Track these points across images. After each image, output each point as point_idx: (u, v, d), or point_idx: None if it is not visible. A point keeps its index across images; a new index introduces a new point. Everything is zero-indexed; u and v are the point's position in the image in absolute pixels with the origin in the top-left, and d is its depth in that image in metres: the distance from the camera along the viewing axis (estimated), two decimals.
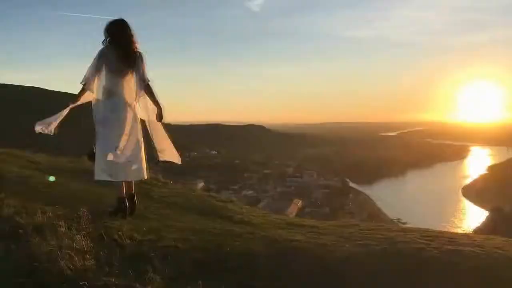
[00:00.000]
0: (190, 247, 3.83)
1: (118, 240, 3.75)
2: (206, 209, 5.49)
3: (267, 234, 4.38)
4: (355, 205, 77.69)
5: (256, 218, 5.35)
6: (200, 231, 4.33)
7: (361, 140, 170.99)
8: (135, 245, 3.72)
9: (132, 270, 3.24)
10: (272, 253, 3.85)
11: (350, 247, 4.04)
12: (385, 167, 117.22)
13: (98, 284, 3.06)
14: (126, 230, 3.96)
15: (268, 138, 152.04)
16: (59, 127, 4.49)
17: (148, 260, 3.47)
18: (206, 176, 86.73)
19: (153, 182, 6.14)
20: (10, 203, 4.33)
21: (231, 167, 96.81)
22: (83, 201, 4.75)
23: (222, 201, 6.05)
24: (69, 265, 3.18)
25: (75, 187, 5.60)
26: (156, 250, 3.66)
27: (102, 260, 3.39)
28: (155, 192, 5.92)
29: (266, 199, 71.59)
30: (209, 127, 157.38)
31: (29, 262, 3.22)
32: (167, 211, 5.11)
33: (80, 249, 3.41)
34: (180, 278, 3.26)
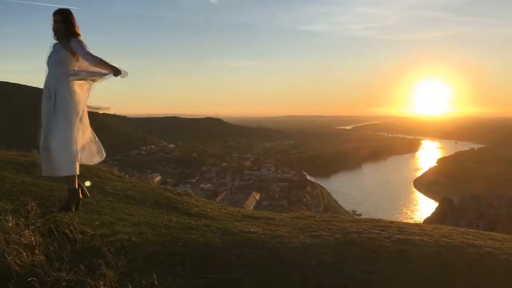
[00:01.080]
0: (144, 241, 3.77)
1: (69, 234, 3.65)
2: (161, 202, 5.43)
3: (223, 227, 4.38)
4: (312, 198, 79.09)
5: (212, 211, 5.34)
6: (155, 225, 4.27)
7: (318, 133, 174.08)
8: (87, 240, 3.63)
9: (83, 265, 3.16)
10: (228, 245, 3.86)
11: (305, 238, 4.11)
12: (341, 160, 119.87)
13: (48, 280, 2.96)
14: (78, 224, 3.86)
15: (226, 131, 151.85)
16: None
17: (100, 255, 3.39)
18: (163, 169, 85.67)
19: (107, 176, 6.01)
20: None
21: (189, 161, 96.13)
22: (31, 195, 4.58)
23: (179, 194, 5.99)
24: (17, 261, 3.07)
25: (24, 181, 5.38)
26: (109, 244, 3.58)
27: (52, 255, 3.28)
28: (109, 185, 5.79)
29: (224, 192, 71.61)
30: (167, 120, 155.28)
31: None
32: (121, 205, 5.00)
33: (29, 244, 3.29)
34: (134, 272, 3.20)
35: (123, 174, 6.86)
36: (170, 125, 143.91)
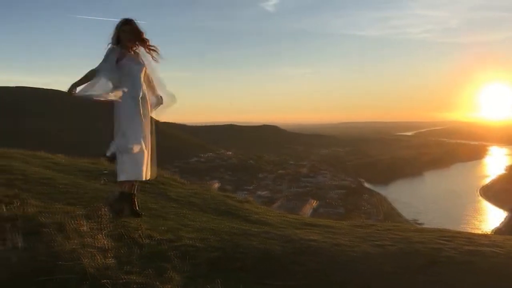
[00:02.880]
0: (207, 246, 3.87)
1: (137, 239, 3.82)
2: (222, 209, 5.55)
3: (283, 234, 4.41)
4: (370, 206, 77.11)
5: (272, 218, 5.39)
6: (217, 231, 4.38)
7: (377, 139, 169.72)
8: (154, 244, 3.78)
9: (151, 269, 3.31)
10: (288, 252, 3.88)
11: (367, 247, 4.06)
12: (401, 167, 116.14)
13: (119, 282, 3.13)
14: (145, 230, 4.04)
15: (283, 139, 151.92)
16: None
17: (167, 259, 3.53)
18: (221, 176, 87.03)
19: (170, 182, 6.23)
20: (34, 203, 4.44)
21: (246, 168, 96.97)
22: (102, 201, 4.85)
23: (239, 201, 6.10)
24: (91, 263, 3.26)
25: (95, 187, 5.70)
26: (175, 249, 3.71)
27: (123, 259, 3.46)
28: (172, 192, 5.99)
29: (280, 200, 71.49)
30: (225, 128, 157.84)
31: (52, 260, 3.31)
32: (184, 211, 5.17)
33: (102, 247, 3.49)
34: (198, 277, 3.31)
35: (185, 181, 7.07)
36: (227, 132, 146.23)
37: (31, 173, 5.93)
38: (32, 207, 4.32)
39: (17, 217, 4.02)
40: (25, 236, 3.65)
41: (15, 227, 3.78)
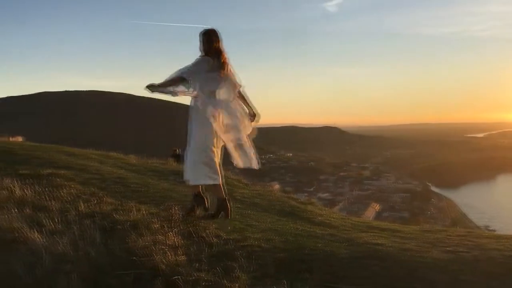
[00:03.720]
0: (273, 247, 3.91)
1: (205, 238, 3.94)
2: (286, 210, 5.58)
3: (348, 237, 4.36)
4: (437, 210, 73.91)
5: (336, 220, 5.34)
6: (281, 232, 4.41)
7: (444, 141, 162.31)
8: (221, 244, 3.87)
9: (219, 267, 3.40)
10: (354, 256, 3.83)
11: (437, 253, 3.91)
12: (470, 171, 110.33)
13: (189, 279, 3.24)
14: (213, 229, 4.15)
15: (344, 141, 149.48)
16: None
17: (233, 258, 3.61)
18: (281, 178, 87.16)
19: (235, 183, 6.35)
20: (109, 201, 4.71)
21: (306, 170, 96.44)
22: (172, 200, 5.05)
23: (302, 203, 6.10)
24: (163, 260, 3.41)
25: (164, 187, 5.93)
26: (241, 249, 3.79)
27: (192, 256, 3.59)
28: (237, 193, 6.11)
29: (342, 202, 70.38)
30: (285, 129, 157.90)
31: (127, 256, 3.50)
32: (249, 212, 5.25)
33: (172, 245, 3.64)
34: (265, 277, 3.35)
35: (249, 182, 7.18)
36: (288, 134, 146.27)
37: (106, 172, 6.29)
38: (107, 205, 4.59)
39: (94, 214, 4.29)
40: (102, 232, 3.88)
41: (94, 223, 4.04)
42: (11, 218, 3.96)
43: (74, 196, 4.82)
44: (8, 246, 3.60)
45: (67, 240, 3.63)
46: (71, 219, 4.09)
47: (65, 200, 4.66)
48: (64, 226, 3.95)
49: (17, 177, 5.28)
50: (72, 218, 4.11)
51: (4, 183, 4.92)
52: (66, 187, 5.06)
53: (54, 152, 7.59)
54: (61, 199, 4.65)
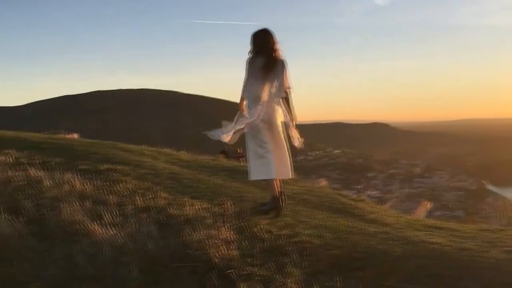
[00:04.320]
0: (324, 244, 3.89)
1: (257, 233, 3.97)
2: (337, 207, 5.52)
3: (403, 235, 4.26)
4: (493, 210, 70.55)
5: (389, 218, 5.23)
6: (333, 229, 4.37)
7: (502, 138, 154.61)
8: (272, 239, 3.90)
9: (272, 262, 3.43)
10: (410, 255, 3.74)
11: (498, 253, 3.75)
12: None
13: (242, 273, 3.29)
14: (264, 224, 4.18)
15: (394, 137, 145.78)
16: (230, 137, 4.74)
17: (285, 254, 3.62)
18: (328, 175, 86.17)
19: (284, 180, 6.32)
20: (163, 196, 4.85)
21: (354, 167, 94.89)
22: (223, 195, 5.12)
23: (353, 200, 6.02)
24: (217, 254, 3.48)
25: (216, 182, 6.03)
26: (293, 245, 3.79)
27: (245, 251, 3.63)
28: (286, 189, 6.10)
29: (391, 200, 68.58)
30: (333, 126, 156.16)
31: (182, 249, 3.60)
32: (299, 208, 5.24)
33: (226, 239, 3.70)
34: (317, 274, 3.34)
35: (297, 178, 7.15)
36: (335, 130, 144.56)
37: (160, 168, 6.47)
38: (162, 200, 4.73)
39: (150, 208, 4.43)
40: (158, 226, 4.01)
41: (149, 217, 4.17)
42: (73, 211, 4.17)
43: (131, 190, 5.00)
44: (71, 238, 3.79)
45: (125, 233, 3.78)
46: (128, 213, 4.24)
47: (122, 194, 4.84)
48: (122, 219, 4.11)
49: (77, 172, 5.54)
50: (129, 212, 4.27)
51: (66, 178, 5.18)
52: (123, 182, 5.26)
53: (110, 148, 7.90)
54: (119, 194, 4.83)
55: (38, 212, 4.22)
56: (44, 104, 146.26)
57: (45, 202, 4.45)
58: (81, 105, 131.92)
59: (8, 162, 5.90)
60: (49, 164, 5.87)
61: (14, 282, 3.32)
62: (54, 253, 3.57)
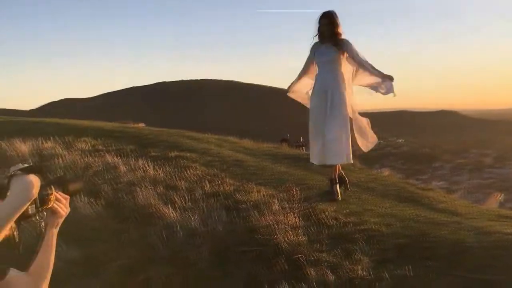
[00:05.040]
0: (393, 232, 3.83)
1: (324, 220, 3.98)
2: (404, 196, 5.38)
3: (476, 225, 4.09)
4: None
5: (460, 207, 5.03)
6: (401, 217, 4.28)
7: None
8: (339, 226, 3.89)
9: (339, 249, 3.43)
10: (482, 245, 3.59)
11: None
12: None
13: (310, 259, 3.33)
14: (330, 211, 4.18)
15: (464, 125, 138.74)
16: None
17: (353, 241, 3.61)
18: (391, 165, 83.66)
19: (349, 167, 6.26)
20: (230, 182, 4.98)
21: (419, 156, 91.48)
22: (288, 182, 5.17)
23: (422, 189, 5.83)
24: (285, 239, 3.54)
25: (280, 170, 6.09)
26: (360, 232, 3.77)
27: (312, 237, 3.66)
28: (352, 177, 6.04)
29: (460, 191, 65.56)
30: (396, 114, 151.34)
31: (250, 233, 3.69)
32: (365, 196, 5.17)
33: (293, 225, 3.75)
34: (386, 262, 3.30)
35: (364, 167, 7.05)
36: (399, 119, 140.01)
37: (225, 155, 6.63)
38: (229, 186, 4.86)
39: (218, 194, 4.57)
40: (226, 210, 4.13)
41: (218, 202, 4.31)
42: (147, 196, 4.39)
43: (199, 176, 5.18)
44: (146, 220, 4.01)
45: (196, 217, 3.94)
46: (198, 198, 4.41)
47: (191, 180, 5.02)
48: (193, 203, 4.28)
49: (148, 158, 5.81)
50: (199, 197, 4.43)
51: (139, 164, 5.45)
52: (192, 168, 5.45)
53: (177, 136, 8.18)
54: (188, 179, 5.02)
55: (115, 196, 4.50)
56: (111, 96, 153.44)
57: (121, 186, 4.72)
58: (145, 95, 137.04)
59: (86, 149, 6.29)
60: (123, 151, 6.19)
61: (94, 260, 3.57)
62: (130, 235, 3.80)
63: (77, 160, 5.65)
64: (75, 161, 5.59)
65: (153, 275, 3.25)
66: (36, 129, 7.96)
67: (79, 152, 6.09)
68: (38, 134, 7.10)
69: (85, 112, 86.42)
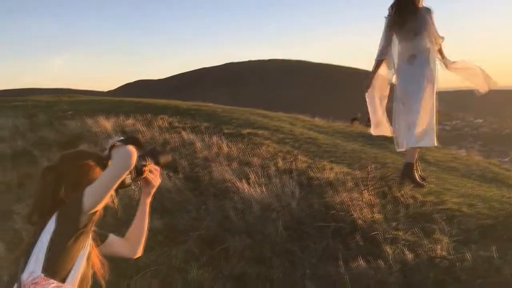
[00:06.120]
0: (475, 213, 3.65)
1: (400, 198, 3.88)
2: (488, 176, 5.10)
3: None
4: None
5: None
6: (485, 198, 4.07)
7: None
8: (417, 205, 3.77)
9: (417, 228, 3.33)
10: None
11: None
12: None
13: (387, 236, 3.27)
14: (408, 190, 4.06)
15: None
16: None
17: (432, 221, 3.49)
18: (469, 146, 79.24)
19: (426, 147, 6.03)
20: (303, 159, 4.99)
21: (500, 138, 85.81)
22: (362, 161, 5.08)
23: (506, 170, 5.50)
24: (360, 216, 3.49)
25: (353, 148, 6.00)
26: (439, 212, 3.63)
27: (388, 215, 3.58)
28: (430, 156, 5.81)
29: None
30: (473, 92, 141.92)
31: (325, 210, 3.69)
32: (444, 175, 4.96)
33: (368, 203, 3.69)
34: (468, 243, 3.17)
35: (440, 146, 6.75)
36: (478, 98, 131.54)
37: (298, 133, 6.63)
38: (302, 163, 4.86)
39: (291, 170, 4.60)
40: (300, 187, 4.14)
41: (291, 178, 4.33)
42: (223, 171, 4.52)
43: (272, 153, 5.23)
44: (222, 194, 4.13)
45: (270, 192, 3.99)
46: (271, 174, 4.46)
47: (264, 156, 5.08)
48: (266, 179, 4.34)
49: (222, 135, 5.96)
50: (272, 173, 4.48)
51: (213, 140, 5.61)
52: (264, 145, 5.51)
53: (249, 115, 8.29)
54: (261, 156, 5.09)
55: (193, 170, 4.67)
56: (183, 77, 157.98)
57: (198, 161, 4.89)
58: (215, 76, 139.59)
59: (164, 126, 6.57)
60: (198, 128, 6.39)
61: (175, 230, 3.75)
62: (208, 207, 3.94)
63: (156, 136, 5.92)
64: (154, 137, 5.86)
65: (230, 246, 3.35)
66: (117, 107, 8.41)
67: (157, 129, 6.37)
68: (119, 112, 7.51)
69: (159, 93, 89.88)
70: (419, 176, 4.42)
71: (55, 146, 6.03)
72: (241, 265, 3.16)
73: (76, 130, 6.51)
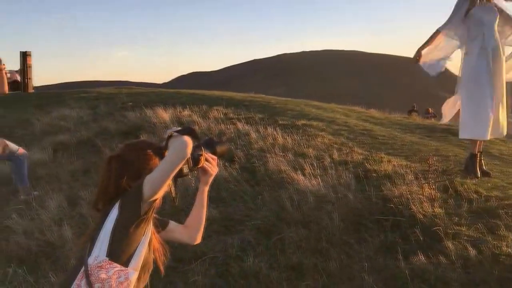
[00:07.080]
0: None
1: (462, 193, 3.74)
2: None
3: None
4: None
5: None
6: None
7: None
8: (481, 200, 3.62)
9: (481, 224, 3.20)
10: None
11: None
12: None
13: (448, 231, 3.17)
14: (470, 184, 3.90)
15: None
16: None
17: (497, 216, 3.34)
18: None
19: (492, 140, 5.75)
20: (359, 151, 4.91)
21: None
22: (421, 153, 4.93)
23: None
24: (420, 210, 3.40)
25: (412, 140, 5.83)
26: (505, 207, 3.47)
27: (449, 210, 3.47)
28: (494, 149, 5.55)
29: None
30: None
31: (382, 203, 3.61)
32: (509, 169, 4.73)
33: (428, 197, 3.58)
34: None
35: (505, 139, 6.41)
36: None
37: (353, 125, 6.53)
38: (358, 155, 4.79)
39: (347, 162, 4.54)
40: (356, 179, 4.09)
41: (347, 170, 4.28)
42: (278, 162, 4.54)
43: (327, 145, 5.18)
44: (278, 185, 4.15)
45: (326, 184, 3.97)
46: (327, 165, 4.42)
47: (319, 148, 5.05)
48: (322, 171, 4.31)
49: (277, 126, 5.97)
50: (327, 165, 4.44)
51: (268, 132, 5.63)
52: (319, 137, 5.47)
53: (304, 106, 8.25)
54: (316, 147, 5.06)
55: (249, 161, 4.72)
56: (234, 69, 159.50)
57: (253, 152, 4.93)
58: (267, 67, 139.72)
59: (219, 117, 6.66)
60: (253, 119, 6.43)
61: (230, 219, 3.82)
62: (264, 197, 3.97)
63: (212, 127, 6.02)
64: (210, 128, 5.97)
65: (286, 236, 3.37)
66: (174, 98, 8.61)
67: (213, 120, 6.48)
68: (176, 104, 7.70)
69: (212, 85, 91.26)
70: (481, 170, 4.25)
71: (116, 136, 6.28)
72: (297, 256, 3.17)
73: (135, 121, 6.75)
